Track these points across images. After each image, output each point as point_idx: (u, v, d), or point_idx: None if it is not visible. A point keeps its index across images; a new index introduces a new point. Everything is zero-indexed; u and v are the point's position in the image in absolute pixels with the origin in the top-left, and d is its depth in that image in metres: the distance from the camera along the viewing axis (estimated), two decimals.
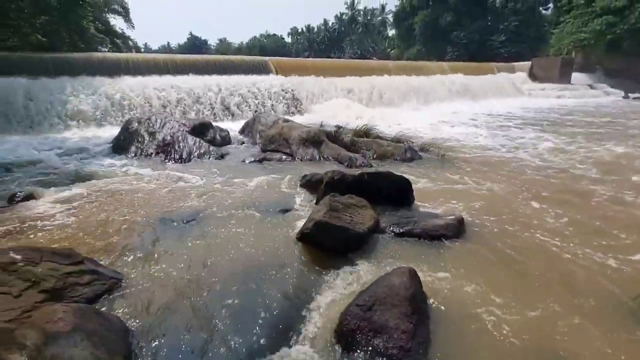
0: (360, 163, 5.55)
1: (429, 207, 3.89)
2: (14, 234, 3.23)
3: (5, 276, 2.00)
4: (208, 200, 4.06)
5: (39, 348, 1.59)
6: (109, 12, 21.26)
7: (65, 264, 2.19)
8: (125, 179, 4.92)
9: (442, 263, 2.76)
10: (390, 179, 3.77)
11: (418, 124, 10.00)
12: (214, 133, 7.26)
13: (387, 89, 14.65)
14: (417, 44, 37.62)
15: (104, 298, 2.23)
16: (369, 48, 47.43)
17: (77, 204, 3.97)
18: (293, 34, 59.27)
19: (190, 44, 64.77)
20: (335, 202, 2.98)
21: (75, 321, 1.73)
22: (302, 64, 15.96)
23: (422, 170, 5.44)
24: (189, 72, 11.51)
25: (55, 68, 9.69)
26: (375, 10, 51.91)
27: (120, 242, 3.03)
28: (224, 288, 2.37)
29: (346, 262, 2.72)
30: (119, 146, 6.58)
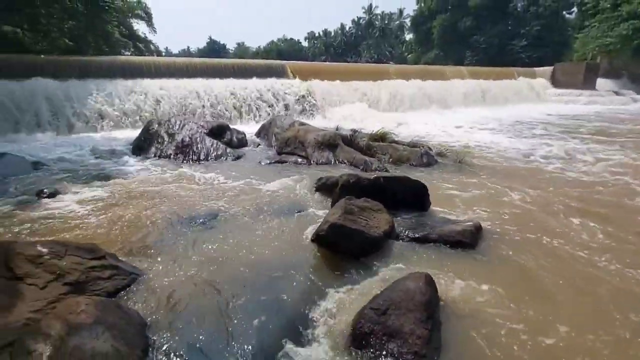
0: (375, 167, 5.53)
1: (446, 213, 3.84)
2: (39, 228, 3.37)
3: (32, 268, 2.09)
4: (225, 200, 4.13)
5: (63, 338, 1.65)
6: (133, 17, 21.95)
7: (88, 258, 2.27)
8: (145, 178, 5.06)
9: (458, 270, 2.71)
10: (407, 183, 3.74)
11: (435, 129, 9.90)
12: (230, 135, 7.37)
13: (404, 94, 14.56)
14: (435, 49, 37.27)
15: (124, 292, 2.30)
16: (385, 52, 47.28)
17: (99, 201, 4.10)
18: (310, 39, 59.73)
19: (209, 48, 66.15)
20: (350, 205, 2.98)
21: (97, 314, 1.78)
22: (319, 68, 16.06)
23: (439, 175, 5.37)
24: (208, 75, 11.75)
25: (82, 71, 10.07)
26: (392, 14, 51.79)
27: (140, 240, 3.11)
28: (240, 286, 2.40)
29: (360, 265, 2.71)
30: (139, 147, 6.76)
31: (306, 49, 59.74)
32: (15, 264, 2.04)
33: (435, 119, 12.00)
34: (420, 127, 10.15)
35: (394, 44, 49.42)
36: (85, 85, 9.37)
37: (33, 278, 2.04)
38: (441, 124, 10.77)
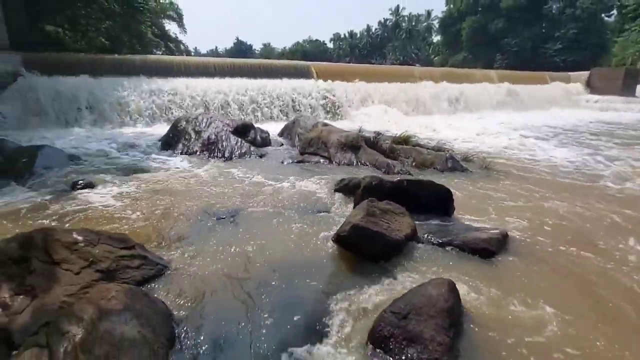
0: (398, 170, 5.47)
1: (470, 220, 3.74)
2: (74, 217, 3.55)
3: (68, 254, 2.20)
4: (248, 198, 4.20)
5: (94, 322, 1.73)
6: (165, 18, 22.77)
7: (119, 247, 2.37)
8: (172, 173, 5.23)
9: (482, 278, 2.63)
10: (430, 187, 3.68)
11: (461, 133, 9.66)
12: (254, 134, 7.49)
13: (429, 96, 14.33)
14: (463, 51, 36.46)
15: (151, 282, 2.38)
16: (411, 54, 46.66)
17: (128, 193, 4.28)
18: (335, 40, 59.83)
19: (236, 48, 67.56)
20: (372, 207, 2.96)
21: (126, 301, 1.86)
22: (343, 70, 16.05)
23: (464, 180, 5.24)
24: (234, 75, 12.01)
25: (116, 69, 10.55)
26: (420, 16, 51.05)
27: (166, 232, 3.22)
28: (261, 283, 2.44)
29: (381, 268, 2.69)
30: (167, 143, 7.00)
31: (331, 50, 59.89)
32: (54, 250, 2.16)
33: (462, 123, 11.72)
34: (445, 131, 9.95)
35: (421, 46, 48.68)
36: (119, 83, 9.78)
37: (68, 264, 2.15)
38: (468, 129, 10.50)
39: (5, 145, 5.55)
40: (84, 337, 1.66)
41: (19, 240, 2.17)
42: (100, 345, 1.60)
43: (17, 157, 5.15)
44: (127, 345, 1.62)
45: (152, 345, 1.70)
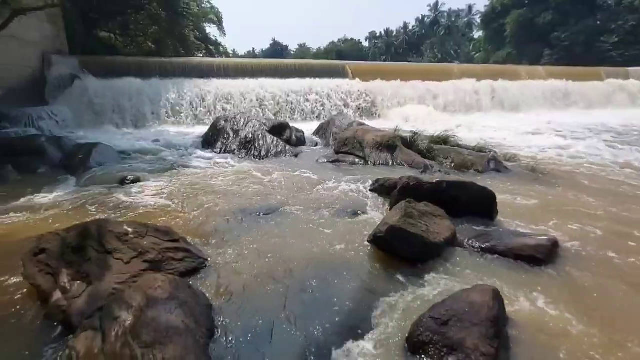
0: (436, 171, 5.30)
1: (515, 225, 3.53)
2: (123, 210, 3.80)
3: (120, 245, 2.35)
4: (283, 196, 4.26)
5: (142, 309, 1.83)
6: (206, 22, 23.66)
7: (165, 240, 2.50)
8: (212, 170, 5.43)
9: (529, 288, 2.47)
10: (472, 189, 3.52)
11: (504, 133, 9.19)
12: (290, 133, 7.58)
13: (470, 95, 13.74)
14: (507, 47, 34.56)
15: (192, 274, 2.49)
16: (450, 51, 44.98)
17: (172, 189, 4.50)
18: (371, 38, 59.12)
19: (272, 49, 68.87)
20: (411, 208, 2.89)
21: (171, 291, 1.95)
22: (379, 68, 15.82)
23: (508, 183, 4.96)
24: (271, 75, 12.25)
25: (161, 71, 11.15)
26: (460, 11, 49.11)
27: (207, 226, 3.35)
28: (297, 280, 2.46)
29: (418, 271, 2.61)
30: (207, 141, 7.28)
31: (366, 49, 59.28)
32: (107, 240, 2.32)
33: (506, 123, 11.12)
34: (488, 131, 9.51)
35: (461, 43, 46.81)
36: (164, 84, 10.34)
37: (120, 253, 2.29)
38: (513, 128, 9.95)
39: (65, 142, 6.07)
40: (133, 322, 1.75)
41: (77, 230, 2.35)
42: (148, 332, 1.68)
43: (75, 154, 5.60)
44: (172, 332, 1.70)
45: (195, 335, 1.76)
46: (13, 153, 5.50)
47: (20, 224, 3.43)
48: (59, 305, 2.07)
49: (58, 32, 11.37)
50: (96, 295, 2.07)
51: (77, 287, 2.14)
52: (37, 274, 2.25)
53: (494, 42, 37.14)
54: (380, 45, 55.64)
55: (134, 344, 1.64)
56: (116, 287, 2.12)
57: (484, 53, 39.35)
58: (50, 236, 2.38)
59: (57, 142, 5.96)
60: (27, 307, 2.21)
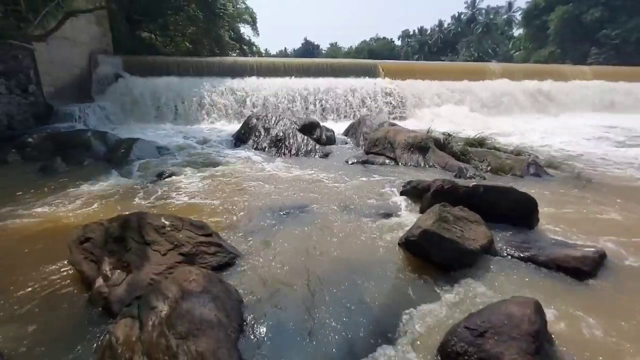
0: (471, 175, 5.09)
1: (557, 234, 3.32)
2: (159, 202, 3.96)
3: (157, 236, 2.44)
4: (312, 194, 4.27)
5: (177, 300, 1.89)
6: (240, 22, 24.23)
7: (199, 234, 2.57)
8: (244, 167, 5.55)
9: (574, 302, 2.31)
10: (511, 195, 3.34)
11: (546, 137, 8.70)
12: (320, 132, 7.59)
13: (508, 95, 13.12)
14: (549, 45, 32.66)
15: (224, 269, 2.54)
16: (488, 50, 43.08)
17: (205, 184, 4.64)
18: (404, 37, 57.98)
19: (304, 48, 69.32)
20: (445, 212, 2.79)
21: (204, 284, 2.00)
22: (411, 67, 15.48)
23: (549, 189, 4.68)
24: (302, 74, 12.35)
25: (197, 70, 11.54)
26: (500, 8, 46.97)
27: (238, 222, 3.42)
28: (326, 280, 2.45)
29: (452, 278, 2.52)
30: (239, 138, 7.44)
31: (398, 47, 58.22)
32: (146, 232, 2.42)
33: (548, 125, 10.53)
34: (527, 134, 9.04)
35: (499, 41, 44.76)
36: (200, 83, 10.69)
37: (157, 245, 2.39)
38: (555, 132, 9.40)
39: (108, 137, 6.42)
40: (169, 313, 1.81)
41: (119, 221, 2.47)
42: (182, 323, 1.73)
43: (117, 148, 5.91)
44: (205, 325, 1.74)
45: (226, 329, 1.80)
46: (63, 146, 5.90)
47: (68, 213, 3.67)
48: (101, 292, 2.18)
49: (104, 33, 12.07)
50: (135, 284, 2.17)
51: (118, 276, 2.24)
52: (82, 260, 2.39)
53: (535, 40, 35.23)
54: (413, 44, 54.39)
55: (169, 334, 1.70)
56: (153, 277, 2.21)
57: (524, 52, 37.44)
58: (95, 226, 2.52)
59: (101, 137, 6.32)
60: (73, 292, 2.35)
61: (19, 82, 6.97)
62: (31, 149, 5.90)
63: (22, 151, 5.84)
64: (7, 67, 6.57)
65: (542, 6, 33.18)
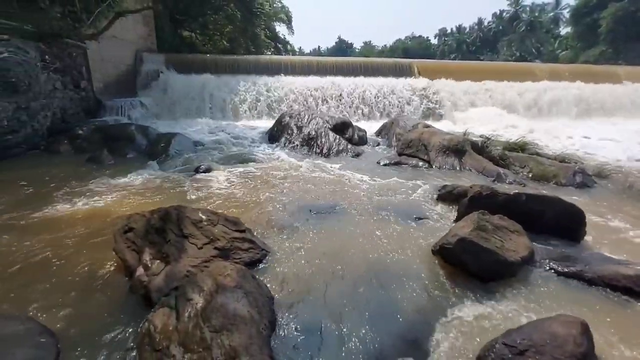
0: (510, 181, 4.85)
1: (605, 249, 3.09)
2: (196, 195, 4.10)
3: (194, 230, 2.53)
4: (344, 194, 4.24)
5: (212, 294, 1.95)
6: (276, 21, 24.55)
7: (233, 230, 2.63)
8: (276, 164, 5.62)
9: (625, 325, 2.14)
10: (556, 205, 3.15)
11: (594, 143, 8.11)
12: (352, 132, 7.54)
13: (553, 98, 12.35)
14: (600, 44, 30.42)
15: (256, 265, 2.58)
16: (531, 49, 40.77)
17: (238, 179, 4.75)
18: (440, 36, 56.28)
19: (337, 47, 69.13)
20: (484, 220, 2.67)
21: (238, 279, 2.04)
22: (448, 67, 14.99)
23: (598, 200, 4.37)
24: (335, 73, 12.31)
25: (233, 68, 11.84)
26: (545, 5, 44.28)
27: (270, 219, 3.46)
28: (357, 283, 2.43)
29: (489, 290, 2.41)
30: (272, 136, 7.55)
31: (434, 46, 56.59)
32: (184, 225, 2.51)
33: (597, 131, 9.81)
34: (573, 139, 8.48)
35: (544, 40, 42.26)
36: (236, 80, 10.96)
37: (194, 239, 2.47)
38: (605, 138, 8.75)
39: (150, 131, 6.74)
40: (204, 306, 1.87)
41: (160, 213, 2.58)
42: (217, 317, 1.78)
43: (158, 142, 6.20)
44: (238, 321, 1.77)
45: (258, 326, 1.83)
46: (109, 139, 6.27)
47: (113, 202, 3.89)
48: (141, 280, 2.29)
49: (149, 32, 12.68)
50: (173, 275, 2.25)
51: (157, 266, 2.35)
52: (125, 249, 2.52)
53: (584, 40, 32.94)
54: (451, 42, 52.61)
55: (204, 326, 1.75)
56: (190, 269, 2.29)
57: (572, 51, 35.13)
58: (138, 217, 2.65)
59: (143, 131, 6.65)
60: (116, 278, 2.49)
61: (72, 78, 7.47)
62: (81, 140, 6.32)
63: (73, 142, 6.27)
64: (63, 65, 7.07)
65: (592, 3, 30.96)
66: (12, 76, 5.58)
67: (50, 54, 6.76)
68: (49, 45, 6.78)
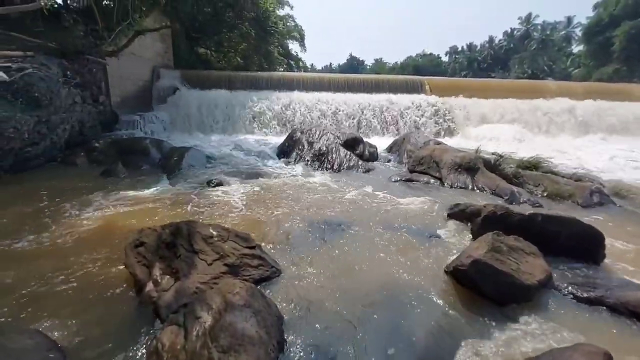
0: (525, 200, 4.75)
1: (627, 273, 2.97)
2: (207, 210, 4.12)
3: (205, 246, 2.53)
4: (354, 211, 4.21)
5: (221, 312, 1.92)
6: (289, 39, 25.15)
7: (243, 246, 2.62)
8: (287, 180, 5.64)
9: None
10: (574, 226, 3.06)
11: (610, 162, 7.94)
12: (363, 148, 7.54)
13: (566, 115, 12.20)
14: (614, 62, 30.17)
15: (265, 283, 2.55)
16: (543, 67, 40.63)
17: (250, 194, 4.76)
18: (451, 53, 56.69)
19: (349, 64, 70.19)
20: (499, 241, 2.60)
21: (247, 298, 2.01)
22: (460, 84, 15.03)
23: (617, 221, 4.23)
24: (346, 89, 12.46)
25: (247, 84, 12.11)
26: (557, 23, 44.33)
27: (280, 235, 3.44)
28: (368, 304, 2.37)
29: (505, 314, 2.33)
30: (283, 151, 7.61)
31: (445, 64, 56.96)
32: (195, 241, 2.52)
33: (612, 150, 9.61)
34: (587, 158, 8.31)
35: (555, 58, 42.15)
36: (249, 96, 11.18)
37: (204, 254, 2.47)
38: (620, 157, 8.55)
39: (164, 145, 6.87)
40: (212, 324, 1.84)
41: (171, 228, 2.59)
42: (225, 336, 1.75)
43: (171, 156, 6.30)
44: (246, 341, 1.74)
45: (266, 347, 1.79)
46: (124, 152, 6.41)
47: (125, 215, 3.93)
48: (151, 296, 2.28)
49: (167, 49, 13.11)
50: (182, 292, 2.24)
51: (167, 282, 2.34)
52: (136, 264, 2.53)
53: (597, 58, 32.74)
54: (462, 60, 52.90)
55: (211, 346, 1.72)
56: (199, 286, 2.27)
57: (584, 69, 34.90)
58: (149, 231, 2.66)
59: (157, 144, 6.78)
60: (126, 293, 2.49)
61: (92, 93, 7.74)
62: (97, 153, 6.47)
63: (90, 155, 6.42)
64: (83, 80, 7.33)
65: (605, 22, 30.91)
66: (35, 91, 5.80)
67: (72, 70, 7.03)
68: (71, 61, 7.07)
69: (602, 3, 32.14)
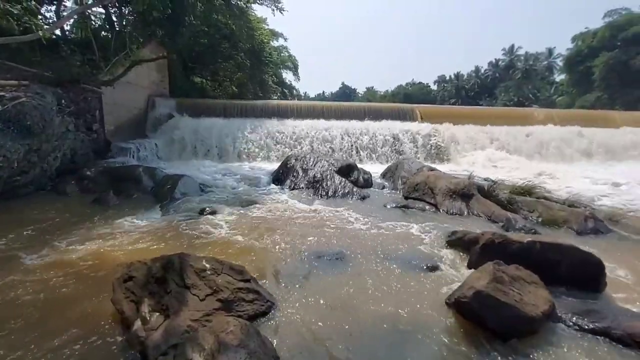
0: (520, 226, 4.74)
1: (630, 303, 2.92)
2: (200, 240, 4.02)
3: (197, 280, 2.42)
4: (351, 239, 4.14)
5: (214, 354, 1.81)
6: (283, 68, 25.87)
7: (238, 279, 2.52)
8: (281, 207, 5.56)
9: None
10: (573, 254, 3.03)
11: (598, 187, 8.04)
12: (357, 175, 7.56)
13: (554, 141, 12.50)
14: (595, 90, 31.49)
15: (260, 319, 2.44)
16: (529, 94, 42.24)
17: (244, 223, 4.67)
18: (440, 82, 58.72)
19: (341, 92, 72.17)
20: (500, 271, 2.55)
21: (241, 337, 1.91)
22: (450, 112, 15.44)
23: (613, 248, 4.22)
24: (339, 117, 12.69)
25: (241, 111, 12.26)
26: (539, 54, 46.55)
27: (275, 267, 3.34)
28: (367, 340, 2.26)
29: (511, 348, 2.24)
30: (277, 178, 7.58)
31: (434, 92, 58.81)
32: (187, 275, 2.41)
33: (600, 174, 9.78)
34: (576, 183, 8.41)
35: (539, 86, 43.89)
36: (243, 124, 11.27)
37: (197, 289, 2.36)
38: (609, 182, 8.69)
39: (157, 173, 6.80)
40: None
41: (162, 262, 2.49)
42: None
43: (164, 184, 6.22)
44: None
45: None
46: (116, 180, 6.32)
47: (114, 247, 3.80)
48: (139, 336, 2.15)
49: (162, 78, 13.32)
50: (172, 330, 2.12)
51: (156, 319, 2.22)
52: (124, 300, 2.40)
53: (579, 86, 34.20)
54: (450, 88, 54.72)
55: None
56: (190, 324, 2.15)
57: (568, 97, 36.32)
58: (139, 265, 2.56)
59: (150, 172, 6.71)
60: (112, 331, 2.35)
61: (85, 121, 7.74)
62: (88, 181, 6.37)
63: (80, 183, 6.31)
64: (78, 108, 7.35)
65: (584, 53, 32.54)
66: (28, 119, 5.76)
67: (67, 98, 7.05)
68: (66, 90, 7.11)
69: (579, 36, 34.00)
